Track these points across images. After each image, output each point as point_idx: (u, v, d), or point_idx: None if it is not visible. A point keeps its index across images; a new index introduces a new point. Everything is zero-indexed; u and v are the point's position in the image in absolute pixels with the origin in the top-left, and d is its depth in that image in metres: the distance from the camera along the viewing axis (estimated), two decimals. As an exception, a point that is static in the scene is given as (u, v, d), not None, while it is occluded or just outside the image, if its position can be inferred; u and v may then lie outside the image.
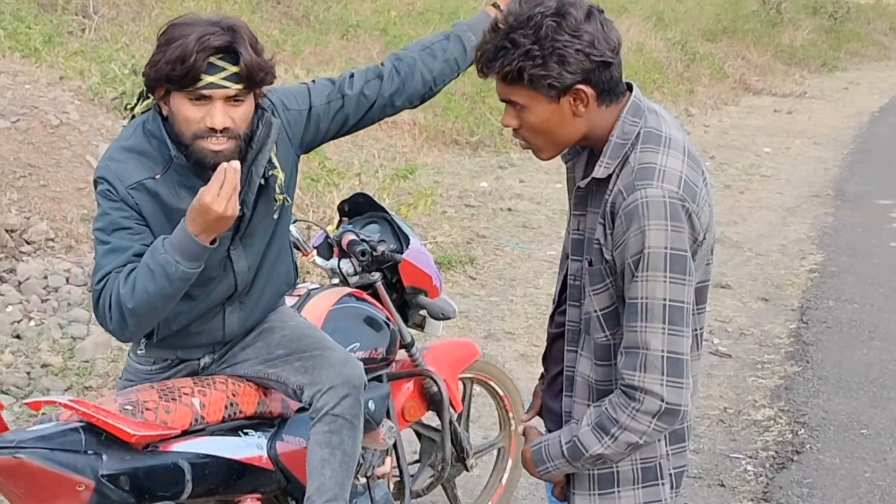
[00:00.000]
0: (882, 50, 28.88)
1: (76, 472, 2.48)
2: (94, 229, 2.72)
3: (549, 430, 2.45)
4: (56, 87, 7.86)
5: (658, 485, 2.34)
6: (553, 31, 2.08)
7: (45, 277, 5.76)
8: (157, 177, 2.69)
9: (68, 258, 6.04)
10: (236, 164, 2.52)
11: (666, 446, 2.34)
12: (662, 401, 2.13)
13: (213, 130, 2.59)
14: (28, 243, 6.07)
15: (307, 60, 12.12)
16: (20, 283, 5.69)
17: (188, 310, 2.82)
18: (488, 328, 6.32)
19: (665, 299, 2.11)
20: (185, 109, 2.59)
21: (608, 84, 2.16)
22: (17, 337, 5.22)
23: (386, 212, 3.74)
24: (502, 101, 2.23)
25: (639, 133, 2.19)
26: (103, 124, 7.56)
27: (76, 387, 4.81)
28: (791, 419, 5.29)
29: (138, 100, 2.80)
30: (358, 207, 3.75)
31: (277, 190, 2.81)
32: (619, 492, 2.33)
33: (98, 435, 2.55)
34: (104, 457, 2.54)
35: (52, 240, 6.14)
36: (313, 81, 3.06)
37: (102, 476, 2.52)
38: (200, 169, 2.67)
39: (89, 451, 2.52)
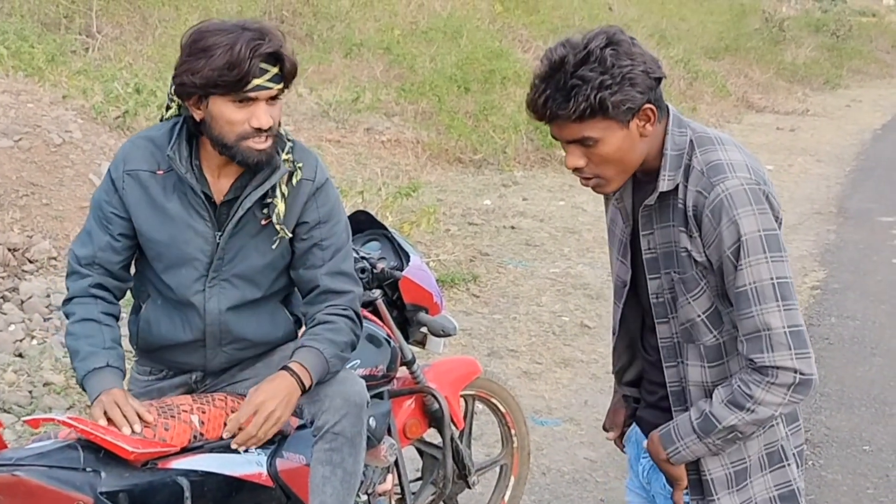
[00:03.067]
0: (884, 67, 28.92)
1: (74, 489, 2.47)
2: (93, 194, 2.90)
3: None
4: (59, 106, 7.89)
5: (784, 466, 2.41)
6: (616, 59, 2.17)
7: (48, 296, 5.76)
8: (159, 172, 2.78)
9: (71, 277, 6.03)
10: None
11: (784, 428, 2.40)
12: (796, 373, 2.19)
13: (259, 130, 2.65)
14: (31, 262, 6.07)
15: (310, 79, 12.16)
16: (23, 301, 5.69)
17: (167, 322, 2.89)
18: (491, 346, 6.32)
19: (772, 278, 2.19)
20: (228, 112, 2.64)
21: (660, 100, 2.27)
22: (20, 356, 5.21)
23: (386, 229, 3.75)
24: (568, 142, 2.27)
25: (690, 140, 2.30)
26: (106, 143, 7.58)
27: (78, 405, 4.80)
28: (794, 436, 5.28)
29: (167, 109, 2.85)
30: (358, 225, 3.75)
31: (275, 219, 2.81)
32: (751, 481, 2.40)
33: (96, 452, 2.55)
34: (102, 474, 2.53)
35: (55, 258, 6.14)
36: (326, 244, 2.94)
37: (101, 493, 2.51)
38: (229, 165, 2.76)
39: (88, 469, 2.52)
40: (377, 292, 3.51)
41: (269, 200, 2.79)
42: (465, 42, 14.04)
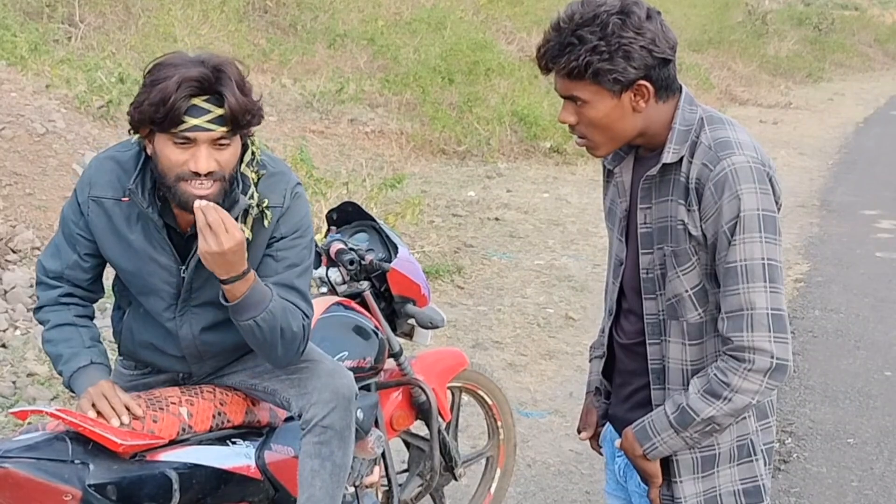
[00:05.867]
0: (866, 61, 29.06)
1: (63, 481, 2.47)
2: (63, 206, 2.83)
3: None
4: (42, 96, 7.85)
5: (752, 461, 2.40)
6: (619, 28, 2.17)
7: (31, 286, 5.72)
8: (124, 199, 2.69)
9: (54, 267, 6.00)
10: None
11: (755, 422, 2.40)
12: (773, 357, 2.19)
13: (196, 174, 2.54)
14: (14, 252, 6.04)
15: (294, 70, 12.13)
16: (6, 291, 5.67)
17: (147, 333, 2.86)
18: (476, 337, 6.32)
19: (763, 258, 2.19)
20: (168, 151, 2.53)
21: (666, 81, 2.27)
22: (3, 346, 5.19)
23: (374, 220, 3.74)
24: (563, 97, 2.29)
25: (701, 118, 2.31)
26: (89, 133, 7.54)
27: (63, 396, 4.78)
28: (778, 428, 5.28)
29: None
30: (346, 216, 3.74)
31: None
32: (717, 471, 2.39)
33: (85, 444, 2.54)
34: (91, 466, 2.52)
35: (38, 248, 6.11)
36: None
37: (89, 486, 2.50)
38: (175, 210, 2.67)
39: (76, 461, 2.51)
40: (365, 284, 3.51)
41: None
42: (449, 33, 14.03)
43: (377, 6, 15.35)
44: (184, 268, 2.73)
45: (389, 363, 3.57)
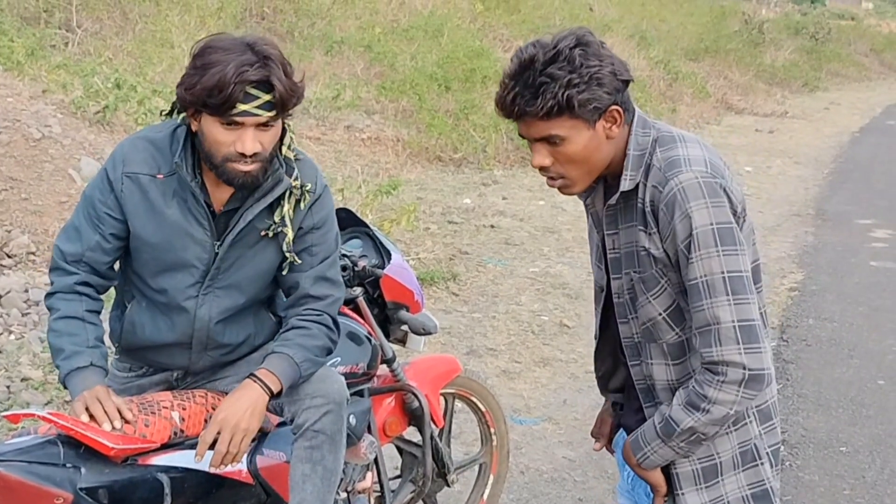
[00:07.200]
0: (862, 70, 29.13)
1: (54, 485, 2.47)
2: (84, 188, 2.87)
3: None
4: (38, 101, 7.84)
5: (758, 465, 2.41)
6: (584, 59, 2.20)
7: (26, 291, 5.73)
8: (159, 176, 2.77)
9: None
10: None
11: (758, 426, 2.41)
12: (745, 368, 2.20)
13: (243, 155, 2.65)
14: (9, 257, 6.04)
15: (291, 76, 12.09)
16: (0, 296, 5.66)
17: (151, 326, 2.88)
18: (470, 344, 6.32)
19: (723, 272, 2.20)
20: (216, 132, 2.64)
21: (627, 103, 2.29)
22: (-3, 350, 5.19)
23: (368, 227, 3.75)
24: (535, 140, 2.28)
25: (654, 139, 2.32)
26: (85, 138, 7.54)
27: (56, 401, 4.78)
28: (773, 435, 5.30)
29: (171, 112, 2.83)
30: (340, 223, 3.71)
31: (285, 248, 2.84)
32: (722, 479, 2.40)
33: (77, 448, 2.54)
34: (83, 470, 2.53)
35: (34, 253, 6.11)
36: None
37: (81, 489, 2.51)
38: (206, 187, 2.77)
39: (68, 465, 2.51)
40: (358, 290, 3.51)
41: (275, 220, 2.81)
42: (445, 41, 14.05)
43: (374, 13, 15.36)
44: (218, 243, 2.80)
45: (382, 369, 3.58)
